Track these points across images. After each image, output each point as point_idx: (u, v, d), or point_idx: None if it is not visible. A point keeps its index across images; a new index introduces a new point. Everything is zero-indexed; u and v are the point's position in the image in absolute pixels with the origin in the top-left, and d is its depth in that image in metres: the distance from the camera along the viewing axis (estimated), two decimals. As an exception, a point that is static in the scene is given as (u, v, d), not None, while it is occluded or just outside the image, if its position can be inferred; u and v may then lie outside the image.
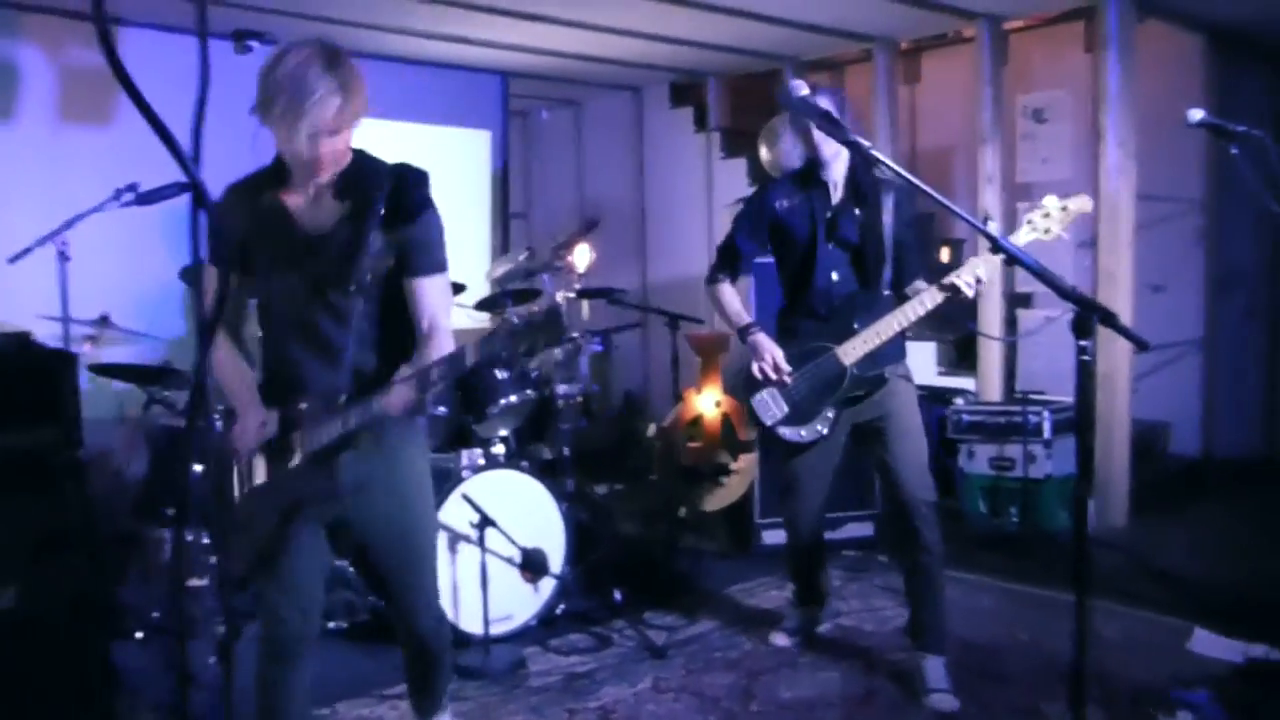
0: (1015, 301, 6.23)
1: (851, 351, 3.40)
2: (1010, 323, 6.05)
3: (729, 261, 3.71)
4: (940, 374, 6.21)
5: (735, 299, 3.70)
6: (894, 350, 3.49)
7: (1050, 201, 3.12)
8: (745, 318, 3.64)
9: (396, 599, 2.66)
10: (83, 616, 3.02)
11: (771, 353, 3.50)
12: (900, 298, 3.48)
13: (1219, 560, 4.82)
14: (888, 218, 3.47)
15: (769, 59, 6.84)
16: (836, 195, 3.53)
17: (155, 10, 5.01)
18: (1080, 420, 2.14)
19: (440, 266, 2.46)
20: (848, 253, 3.52)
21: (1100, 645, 3.70)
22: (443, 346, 2.37)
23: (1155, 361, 6.19)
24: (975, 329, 5.62)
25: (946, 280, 3.21)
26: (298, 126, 2.17)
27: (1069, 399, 5.33)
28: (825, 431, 3.51)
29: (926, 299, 3.28)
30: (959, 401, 5.67)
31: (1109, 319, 2.07)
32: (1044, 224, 3.10)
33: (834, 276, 3.51)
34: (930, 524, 3.48)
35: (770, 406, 3.55)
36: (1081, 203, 3.14)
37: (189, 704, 2.72)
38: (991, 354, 5.82)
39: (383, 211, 2.33)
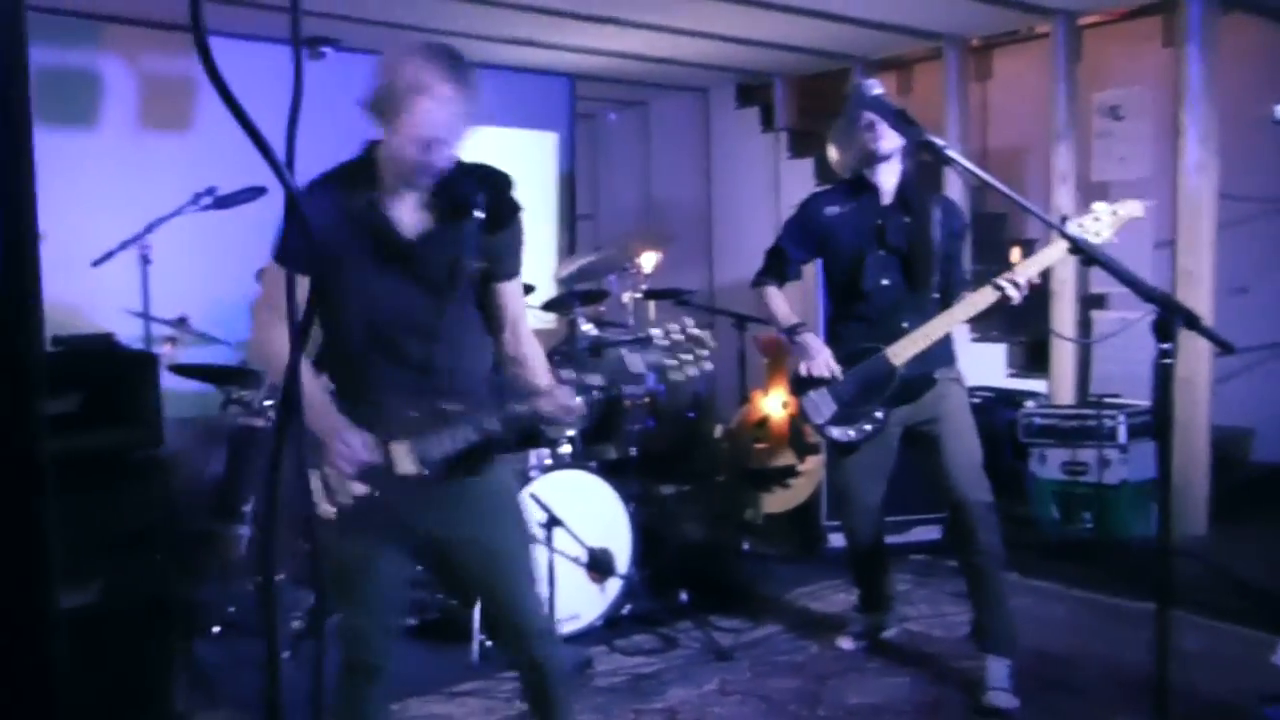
0: (1089, 303, 6.10)
1: (901, 352, 3.40)
2: (1084, 325, 5.92)
3: (776, 266, 3.72)
4: (1010, 376, 6.10)
5: (782, 301, 3.71)
6: (944, 353, 3.50)
7: (1100, 206, 3.07)
8: (793, 318, 3.65)
9: (498, 620, 2.57)
10: (164, 612, 3.09)
11: (820, 351, 3.51)
12: (947, 306, 3.48)
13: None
14: (936, 230, 3.47)
15: (836, 58, 6.79)
16: (885, 202, 3.52)
17: (227, 19, 5.12)
18: (1160, 425, 2.09)
19: (521, 270, 2.47)
20: (896, 258, 3.52)
21: (1179, 658, 3.59)
22: (535, 350, 2.44)
23: (1237, 365, 6.01)
24: (1052, 330, 5.52)
25: (997, 280, 3.21)
26: (418, 131, 2.16)
27: (1145, 402, 5.21)
28: (871, 430, 3.51)
29: (977, 299, 3.29)
30: (1030, 404, 5.56)
31: (1193, 321, 2.02)
32: (1094, 227, 3.05)
33: (883, 282, 3.51)
34: (987, 525, 3.45)
35: (819, 406, 3.55)
36: (1132, 208, 3.09)
37: (269, 696, 2.74)
38: (1064, 356, 5.71)
39: (482, 216, 2.31)
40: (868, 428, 3.51)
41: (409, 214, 2.32)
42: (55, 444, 2.77)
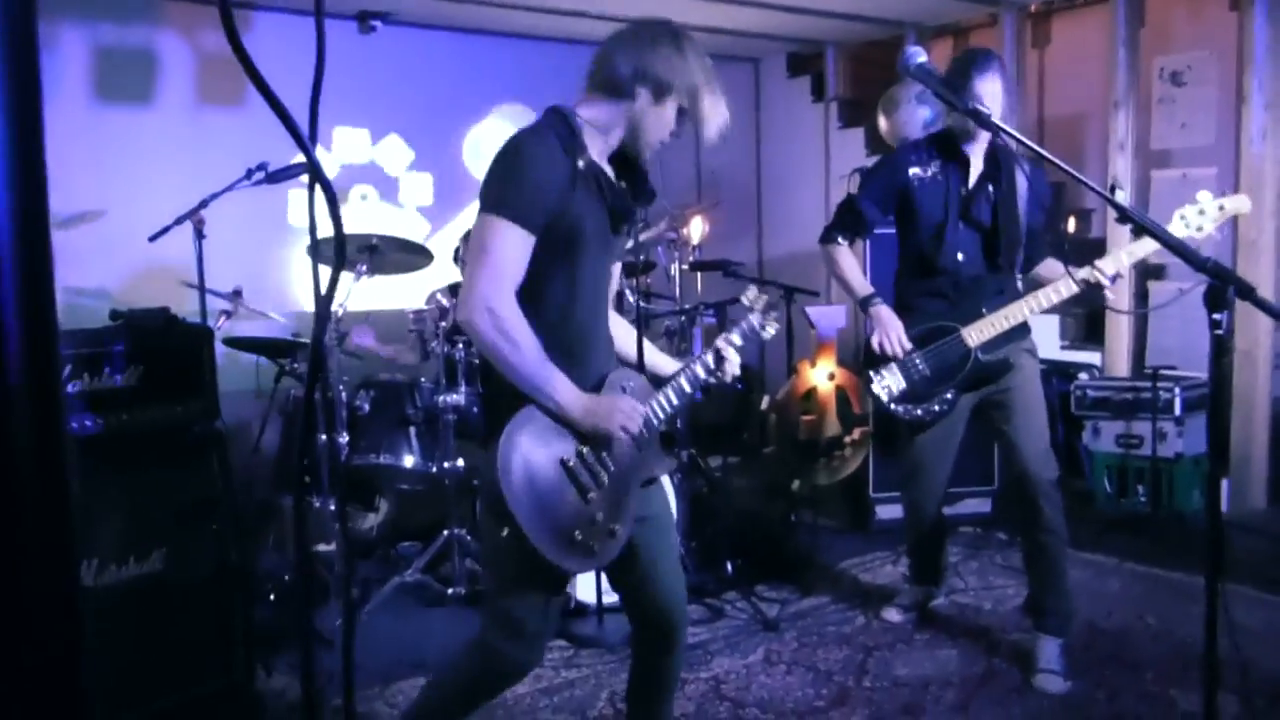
0: (1148, 273, 5.98)
1: (977, 334, 3.34)
2: (1141, 295, 5.81)
3: (850, 223, 3.57)
4: (1064, 348, 6.01)
5: (855, 265, 3.61)
6: (1019, 328, 3.40)
7: (1205, 197, 2.99)
8: (867, 287, 3.54)
9: (651, 600, 2.49)
10: (224, 580, 3.17)
11: (895, 328, 3.42)
12: (1027, 279, 3.40)
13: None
14: (1022, 201, 3.35)
15: (889, 26, 6.68)
16: (975, 170, 3.40)
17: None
18: (1214, 397, 2.05)
19: None
20: (979, 234, 3.40)
21: (1238, 633, 3.54)
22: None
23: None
24: (1104, 304, 5.43)
25: (1084, 274, 3.13)
26: (719, 110, 2.32)
27: (1202, 375, 5.11)
28: (940, 411, 3.44)
29: (1062, 288, 3.20)
30: (1084, 377, 5.48)
31: (1246, 291, 1.97)
32: (1197, 220, 2.97)
33: (960, 257, 3.40)
34: (1053, 502, 3.38)
35: (888, 382, 3.47)
36: (1239, 203, 3.00)
37: (318, 663, 2.82)
38: (1119, 328, 5.62)
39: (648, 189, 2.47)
40: (936, 409, 3.45)
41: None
42: (116, 418, 2.85)
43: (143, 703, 3.03)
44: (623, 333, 2.55)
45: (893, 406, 3.50)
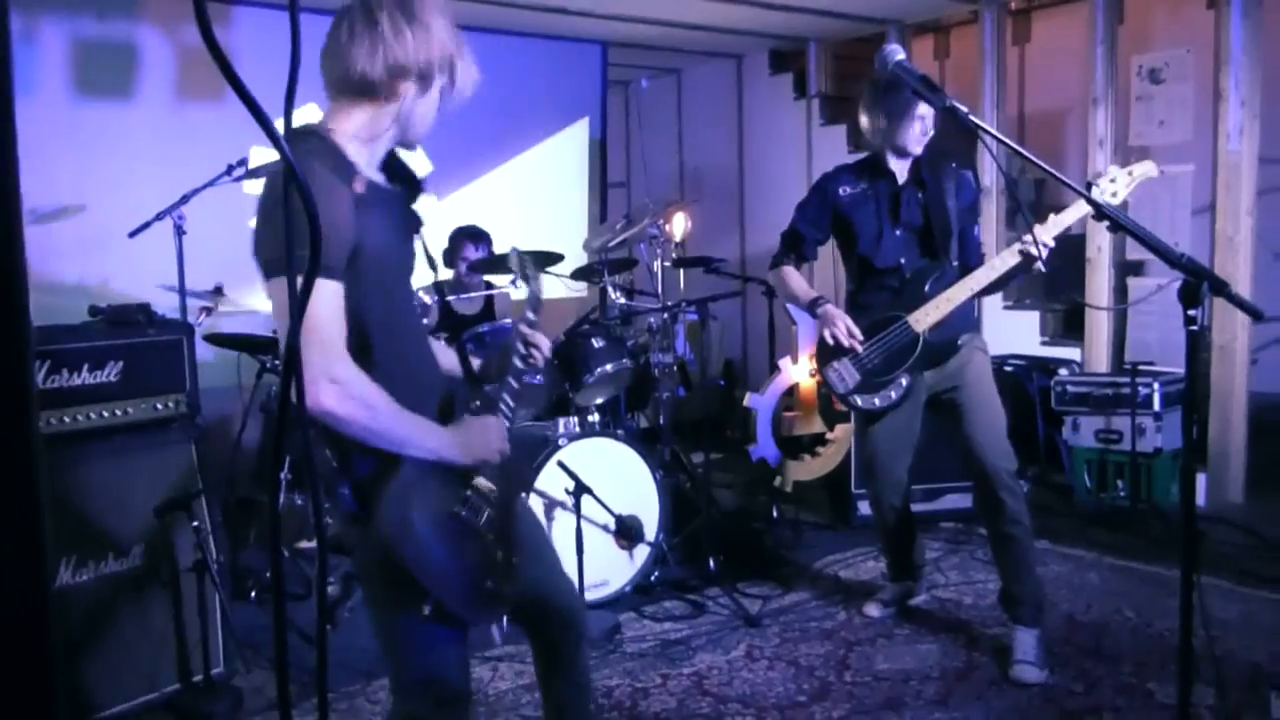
0: (1126, 269, 6.02)
1: (924, 318, 3.45)
2: (1121, 291, 5.85)
3: (792, 247, 3.77)
4: (1044, 344, 6.05)
5: (799, 278, 3.76)
6: (966, 318, 3.55)
7: (1114, 169, 3.16)
8: (812, 292, 3.69)
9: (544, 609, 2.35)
10: (203, 576, 3.16)
11: (843, 320, 3.53)
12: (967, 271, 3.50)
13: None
14: (950, 200, 3.50)
15: (871, 23, 6.71)
16: (900, 179, 3.57)
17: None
18: (1189, 393, 2.07)
19: None
20: (914, 234, 3.56)
21: (1216, 626, 3.59)
22: None
23: (1278, 332, 5.93)
24: (1081, 300, 5.48)
25: (1017, 246, 3.25)
26: (472, 69, 2.08)
27: (1182, 370, 5.15)
28: (896, 398, 3.53)
29: (997, 262, 3.32)
30: (1063, 372, 5.52)
31: (1220, 287, 1.99)
32: (1109, 189, 3.11)
33: (901, 259, 3.55)
34: (1014, 492, 3.46)
35: (843, 375, 3.59)
36: (1146, 168, 3.15)
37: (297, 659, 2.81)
38: (1099, 324, 5.66)
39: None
40: (893, 395, 3.54)
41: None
42: (95, 414, 2.85)
43: (122, 698, 3.02)
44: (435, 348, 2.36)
45: (851, 398, 3.61)
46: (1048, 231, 3.22)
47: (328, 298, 1.80)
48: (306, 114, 2.02)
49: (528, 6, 6.00)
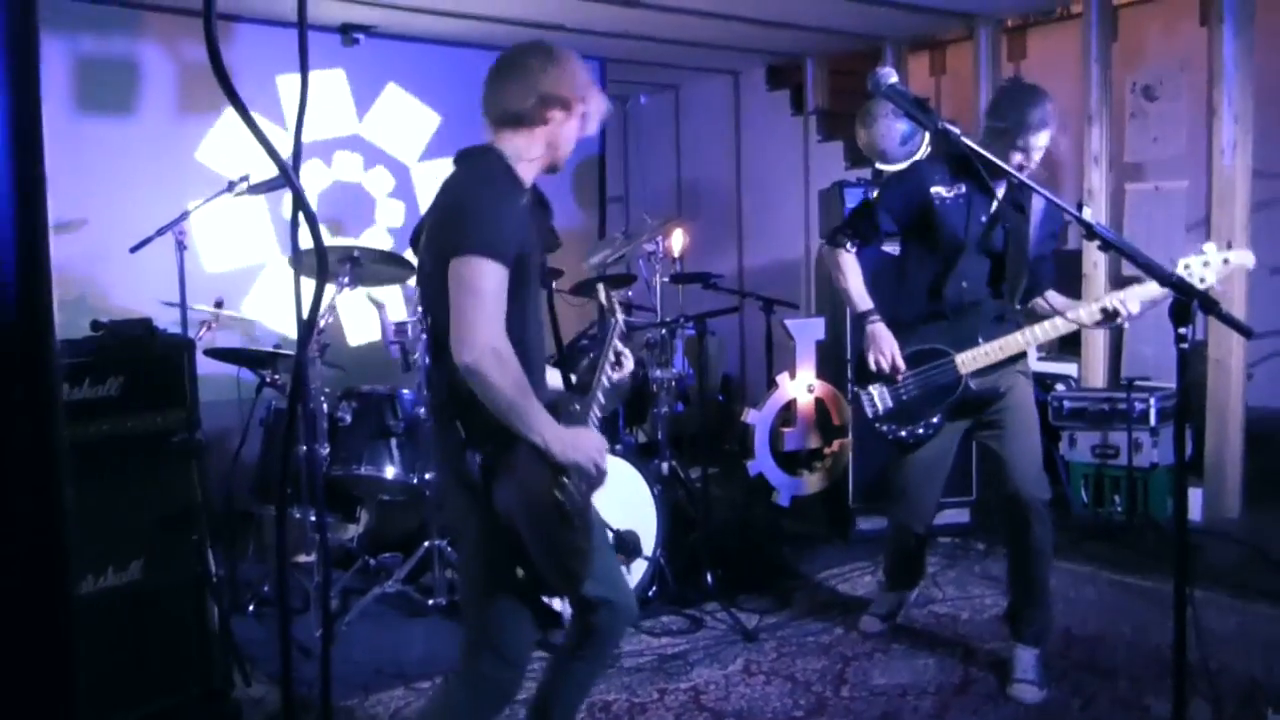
0: (1122, 284, 6.04)
1: (970, 362, 3.32)
2: (1117, 307, 5.87)
3: (862, 230, 3.48)
4: (1041, 359, 6.07)
5: (859, 276, 3.49)
6: (1012, 362, 3.39)
7: (1210, 249, 2.94)
8: (868, 302, 3.46)
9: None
10: (203, 589, 3.17)
11: (891, 347, 3.37)
12: (1026, 310, 3.40)
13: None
14: (1035, 228, 3.33)
15: (868, 39, 6.75)
16: (998, 196, 3.34)
17: (269, 5, 5.18)
18: (1180, 409, 2.10)
19: None
20: (989, 261, 3.36)
21: (1212, 640, 3.60)
22: None
23: (1276, 346, 5.95)
24: (1116, 326, 5.50)
25: (1082, 311, 3.18)
26: (569, 139, 2.45)
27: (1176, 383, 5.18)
28: (924, 435, 3.43)
29: (1060, 324, 3.22)
30: (1060, 388, 5.54)
31: (1210, 306, 2.02)
32: (1200, 272, 2.92)
33: (964, 284, 3.36)
34: (1044, 522, 3.38)
35: (875, 401, 3.47)
36: (1244, 257, 3.02)
37: (296, 672, 2.82)
38: (1095, 339, 5.68)
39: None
40: (921, 432, 3.44)
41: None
42: (96, 428, 2.86)
43: (122, 711, 3.03)
44: None
45: (878, 425, 3.50)
46: (1133, 298, 3.13)
47: (500, 279, 2.15)
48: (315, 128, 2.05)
49: (526, 23, 6.04)
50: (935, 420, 3.41)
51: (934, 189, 3.33)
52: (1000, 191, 3.32)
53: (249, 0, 5.14)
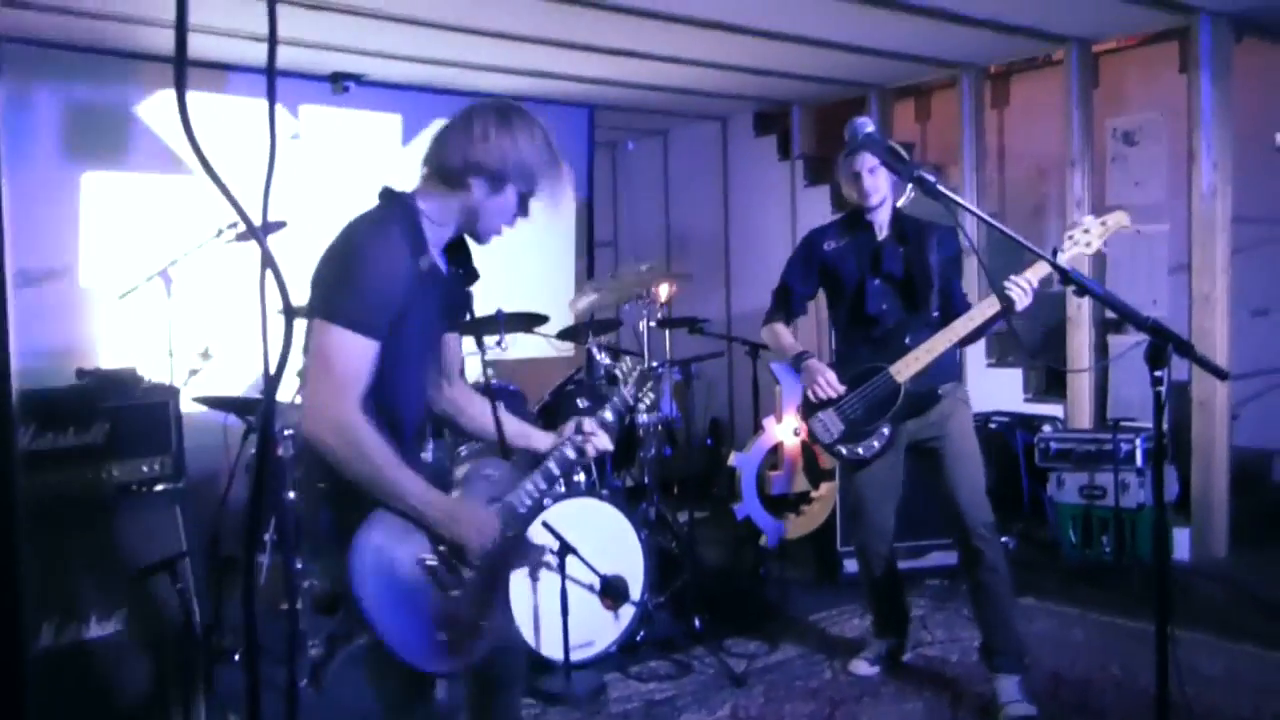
0: (1106, 326, 6.10)
1: (904, 369, 3.51)
2: (1101, 348, 5.92)
3: (783, 304, 3.88)
4: (1027, 400, 6.11)
5: (787, 333, 3.87)
6: (949, 369, 3.64)
7: (1088, 219, 3.34)
8: (798, 346, 3.80)
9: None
10: (187, 638, 3.15)
11: (822, 373, 3.62)
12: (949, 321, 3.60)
13: (1326, 594, 4.64)
14: (932, 255, 3.60)
15: (854, 87, 6.84)
16: (881, 235, 3.69)
17: (254, 53, 5.24)
18: (1157, 450, 2.12)
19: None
20: (894, 286, 3.66)
21: (1200, 681, 3.60)
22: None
23: (1260, 387, 5.99)
24: (1056, 366, 5.58)
25: (984, 304, 3.38)
26: (560, 186, 2.30)
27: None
28: (879, 447, 3.59)
29: (975, 313, 3.41)
30: (1047, 429, 5.56)
31: (1185, 348, 2.05)
32: (1084, 238, 3.26)
33: (883, 307, 3.66)
34: (990, 543, 3.54)
35: (827, 425, 3.66)
36: (1118, 218, 3.31)
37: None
38: (1081, 380, 5.72)
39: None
40: (876, 444, 3.60)
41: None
42: (80, 476, 2.86)
43: (103, 764, 3.00)
44: (477, 410, 2.50)
45: (836, 448, 3.68)
46: (1026, 275, 3.31)
47: (359, 352, 2.00)
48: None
49: (515, 71, 6.12)
50: (885, 431, 3.58)
51: (825, 246, 3.77)
52: (884, 231, 3.68)
53: (234, 47, 5.19)
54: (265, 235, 0.87)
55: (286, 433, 4.03)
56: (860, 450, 3.62)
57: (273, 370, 0.88)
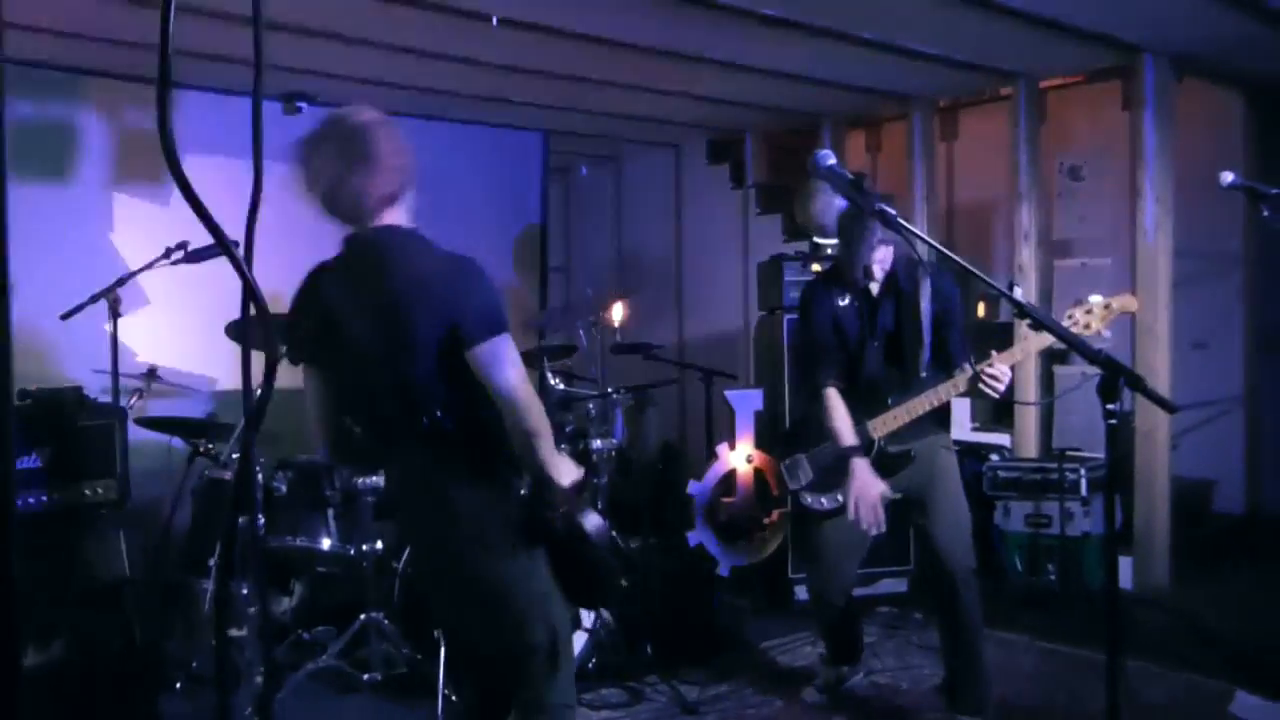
0: (1053, 358, 6.20)
1: (881, 426, 3.51)
2: (1048, 378, 6.02)
3: (829, 362, 3.65)
4: (975, 429, 6.18)
5: (844, 411, 3.59)
6: (930, 426, 3.56)
7: (1095, 299, 3.15)
8: (852, 439, 3.53)
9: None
10: (127, 667, 3.08)
11: (873, 491, 3.44)
12: (945, 374, 3.51)
13: (1264, 620, 4.72)
14: (925, 302, 3.52)
15: (807, 116, 6.92)
16: (875, 291, 3.62)
17: (214, 74, 5.17)
18: (1109, 482, 2.15)
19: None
20: (884, 341, 3.62)
21: (1142, 708, 3.65)
22: None
23: (1198, 418, 6.12)
24: (1010, 398, 5.64)
25: (975, 372, 3.29)
26: None
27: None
28: (843, 501, 3.53)
29: (951, 387, 3.35)
30: (995, 458, 5.64)
31: (1136, 382, 2.08)
32: (1084, 319, 3.12)
33: (872, 365, 3.62)
34: (971, 590, 3.53)
35: (798, 471, 3.67)
36: (1126, 302, 3.18)
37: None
38: (1027, 410, 5.80)
39: None
40: (840, 498, 3.55)
41: None
42: (22, 500, 2.81)
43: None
44: None
45: (801, 494, 3.69)
46: (1007, 359, 3.27)
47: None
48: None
49: (471, 95, 6.11)
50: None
51: (838, 301, 3.67)
52: (878, 287, 3.60)
53: (194, 68, 5.12)
54: (249, 265, 0.86)
55: (235, 456, 3.97)
56: (824, 500, 3.61)
57: (254, 400, 0.87)
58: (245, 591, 4.02)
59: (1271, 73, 5.80)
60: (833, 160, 2.27)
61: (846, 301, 3.66)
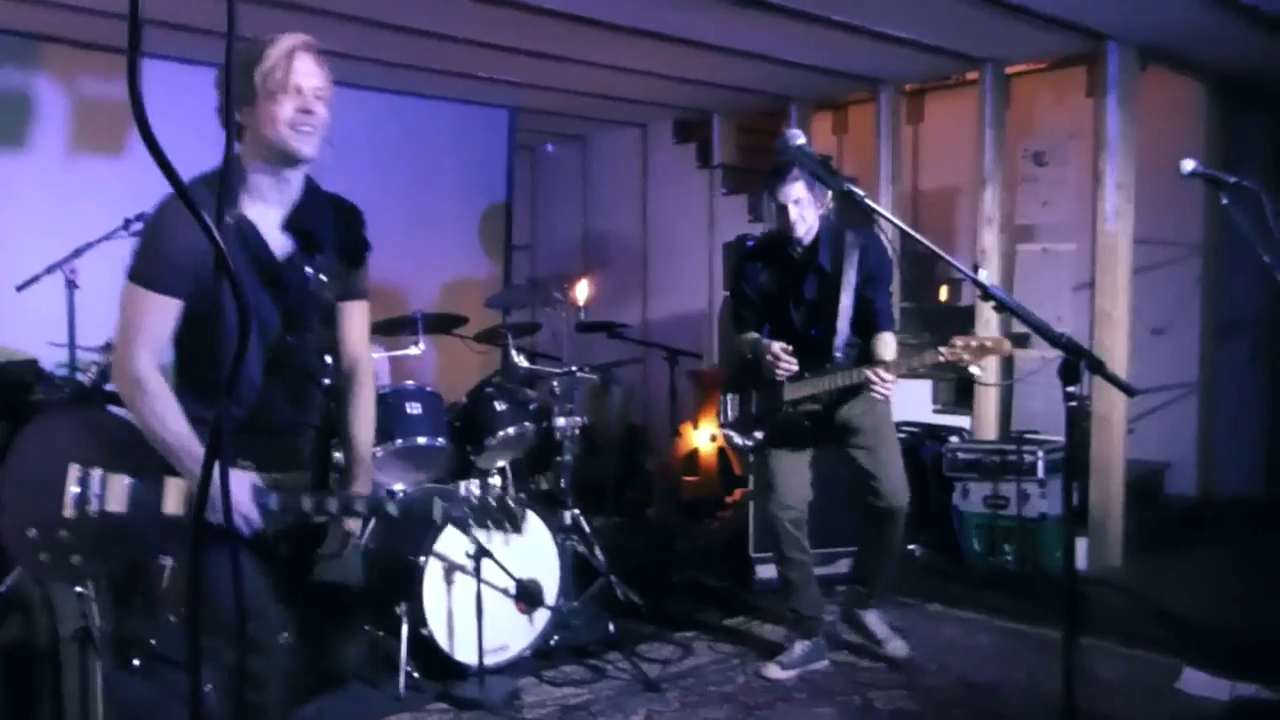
0: (1013, 342, 6.27)
1: (793, 391, 3.87)
2: (1008, 362, 6.08)
3: (750, 319, 4.07)
4: (936, 411, 6.24)
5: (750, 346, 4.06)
6: (852, 391, 3.89)
7: (976, 337, 3.61)
8: (754, 335, 4.02)
9: None
10: (85, 646, 3.04)
11: (769, 349, 3.86)
12: (864, 343, 3.91)
13: (1214, 599, 4.83)
14: (851, 273, 3.84)
15: (774, 98, 6.92)
16: (801, 260, 3.92)
17: (177, 43, 5.08)
18: (1069, 464, 2.18)
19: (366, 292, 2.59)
20: (806, 308, 3.94)
21: (1096, 685, 3.71)
22: (368, 369, 2.55)
23: (1154, 403, 6.22)
24: (973, 377, 5.69)
25: (865, 370, 3.70)
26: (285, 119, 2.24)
27: (1063, 439, 5.36)
28: (751, 446, 4.02)
29: (854, 374, 3.73)
30: (954, 440, 5.70)
31: (1097, 366, 2.11)
32: (952, 354, 3.53)
33: (803, 326, 3.94)
34: (900, 523, 4.00)
35: (727, 408, 4.11)
36: (998, 343, 3.60)
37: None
38: (987, 393, 5.86)
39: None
40: (748, 444, 4.03)
41: (273, 234, 2.30)
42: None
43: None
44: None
45: (725, 430, 4.15)
46: (893, 370, 3.68)
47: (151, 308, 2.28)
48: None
49: (438, 71, 6.06)
50: (759, 435, 3.99)
51: (756, 276, 4.04)
52: (803, 258, 3.91)
53: (156, 36, 5.03)
54: (221, 235, 0.85)
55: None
56: (738, 440, 4.06)
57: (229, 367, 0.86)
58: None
59: (1234, 62, 5.88)
60: (802, 139, 2.28)
61: (767, 272, 4.01)
